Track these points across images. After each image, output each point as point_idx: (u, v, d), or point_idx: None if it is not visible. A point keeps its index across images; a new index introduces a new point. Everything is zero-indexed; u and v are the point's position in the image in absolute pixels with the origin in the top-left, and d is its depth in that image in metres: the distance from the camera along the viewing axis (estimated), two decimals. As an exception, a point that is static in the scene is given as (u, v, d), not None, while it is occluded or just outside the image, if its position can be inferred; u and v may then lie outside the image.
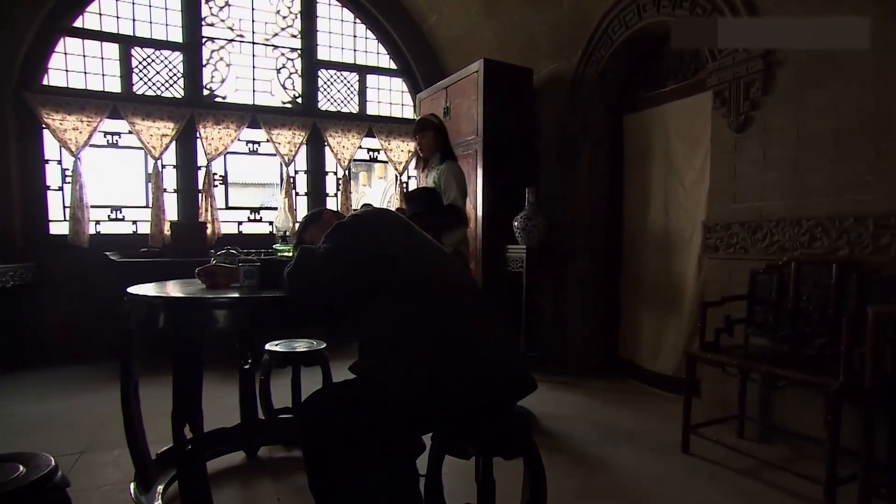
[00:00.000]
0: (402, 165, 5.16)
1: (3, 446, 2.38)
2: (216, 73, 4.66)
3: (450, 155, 3.12)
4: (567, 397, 3.32)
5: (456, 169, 3.05)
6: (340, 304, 1.45)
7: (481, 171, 3.78)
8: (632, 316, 3.73)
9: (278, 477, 2.26)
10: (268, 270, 1.60)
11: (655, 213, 3.50)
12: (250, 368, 2.46)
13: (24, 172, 4.16)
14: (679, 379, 3.18)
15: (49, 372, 3.84)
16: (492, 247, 3.79)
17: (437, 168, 3.06)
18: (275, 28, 4.85)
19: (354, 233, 1.44)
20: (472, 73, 3.85)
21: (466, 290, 1.54)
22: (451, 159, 3.08)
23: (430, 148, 3.08)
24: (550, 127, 3.98)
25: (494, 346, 1.48)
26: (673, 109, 3.35)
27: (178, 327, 1.48)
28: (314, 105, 4.98)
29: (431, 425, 1.49)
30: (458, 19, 4.77)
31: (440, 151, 3.09)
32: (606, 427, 2.82)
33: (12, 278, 3.64)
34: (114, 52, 4.36)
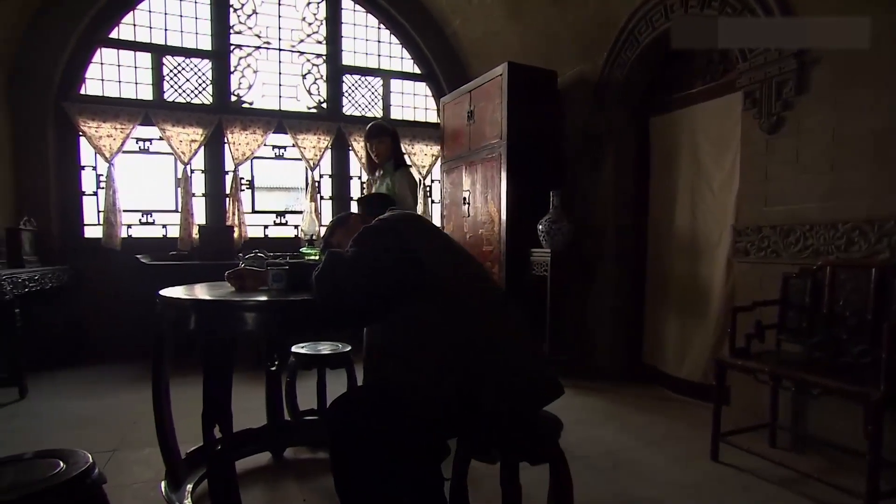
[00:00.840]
0: (426, 169, 5.18)
1: (43, 442, 2.48)
2: (244, 79, 4.76)
3: (402, 162, 3.22)
4: (592, 402, 3.28)
5: (409, 176, 3.15)
6: (368, 307, 1.46)
7: (505, 174, 3.77)
8: (657, 321, 3.66)
9: (304, 478, 2.28)
10: (296, 274, 1.62)
11: (682, 216, 3.44)
12: (276, 370, 2.49)
13: (62, 178, 4.31)
14: (706, 385, 3.12)
15: (84, 371, 3.96)
16: (516, 250, 3.78)
17: (389, 174, 3.11)
18: (301, 35, 4.92)
19: (382, 236, 1.45)
20: (496, 77, 3.84)
21: (493, 294, 1.54)
22: (403, 166, 3.17)
23: (386, 154, 3.12)
24: (575, 129, 3.95)
25: (521, 351, 1.47)
26: (701, 111, 3.29)
27: (209, 329, 1.50)
28: (339, 110, 5.04)
29: (457, 429, 1.48)
30: (482, 23, 4.77)
31: (393, 158, 3.14)
32: (633, 433, 2.78)
33: (50, 280, 3.76)
34: (146, 61, 4.49)
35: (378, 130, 3.13)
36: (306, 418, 2.69)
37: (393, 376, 1.44)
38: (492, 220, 3.96)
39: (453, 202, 4.56)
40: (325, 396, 2.70)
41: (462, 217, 4.36)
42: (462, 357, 1.37)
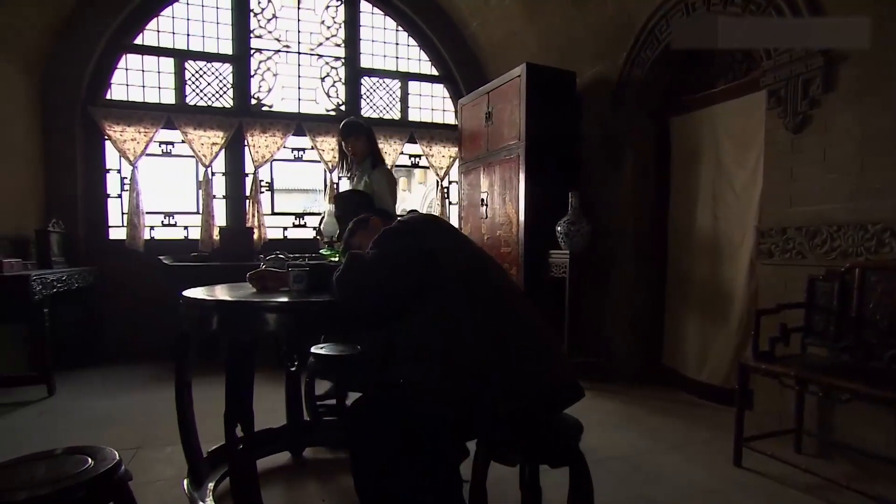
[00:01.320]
0: (443, 171, 5.19)
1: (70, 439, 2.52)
2: (263, 82, 4.82)
3: (380, 160, 3.17)
4: (609, 405, 3.24)
5: (389, 175, 3.12)
6: (388, 308, 1.46)
7: (523, 175, 3.75)
8: (677, 323, 3.61)
9: (323, 478, 2.30)
10: (316, 275, 1.63)
11: (703, 217, 3.39)
12: (296, 371, 2.51)
13: (88, 181, 4.41)
14: (727, 389, 3.07)
15: (108, 370, 4.04)
16: (534, 252, 3.76)
17: (367, 172, 3.08)
18: (319, 38, 4.97)
19: (402, 238, 1.46)
20: (514, 78, 3.83)
21: (513, 296, 1.53)
22: (381, 164, 3.13)
23: (363, 152, 3.09)
24: (594, 130, 3.92)
25: (542, 353, 1.47)
26: (723, 110, 3.24)
27: (231, 330, 1.52)
28: (357, 112, 5.06)
29: (476, 431, 1.48)
30: (500, 24, 4.76)
31: (370, 156, 3.10)
32: (653, 437, 2.74)
33: (76, 280, 3.85)
34: (169, 66, 4.57)
35: (353, 128, 3.09)
36: (326, 418, 2.70)
37: (412, 378, 1.44)
38: (510, 222, 3.95)
39: (471, 204, 4.56)
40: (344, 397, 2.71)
41: (480, 218, 4.35)
42: (481, 359, 1.37)
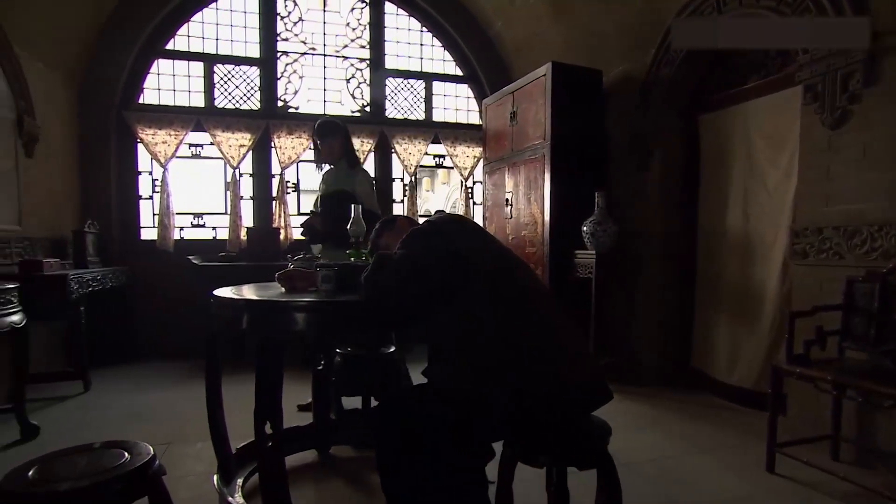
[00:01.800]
0: (467, 171, 5.18)
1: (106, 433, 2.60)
2: (290, 85, 4.88)
3: (356, 160, 3.13)
4: (636, 407, 3.20)
5: (370, 176, 3.12)
6: (417, 308, 1.47)
7: (549, 175, 3.72)
8: (706, 325, 3.54)
9: (349, 476, 2.32)
10: (345, 275, 1.64)
11: (734, 217, 3.32)
12: (323, 370, 2.54)
13: (121, 183, 4.53)
14: (759, 393, 3.00)
15: (139, 367, 4.14)
16: (559, 252, 3.73)
17: (344, 172, 3.02)
18: (345, 40, 5.02)
19: (430, 239, 1.46)
20: (539, 77, 3.80)
21: (541, 296, 1.52)
22: (359, 165, 3.11)
23: (338, 153, 3.03)
24: (621, 129, 3.87)
25: (570, 354, 1.45)
26: (755, 107, 3.16)
27: (261, 329, 1.54)
28: (382, 113, 5.10)
29: (504, 433, 1.47)
30: (525, 23, 4.74)
31: (346, 156, 3.05)
32: (680, 440, 2.69)
33: (110, 280, 3.95)
34: (199, 70, 4.67)
35: (330, 129, 3.03)
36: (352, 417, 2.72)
37: (439, 378, 1.44)
38: (535, 222, 3.92)
39: (495, 204, 4.54)
40: (370, 396, 2.73)
41: (504, 218, 4.33)
42: (508, 359, 1.36)
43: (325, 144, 3.00)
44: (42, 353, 3.44)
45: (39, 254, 3.60)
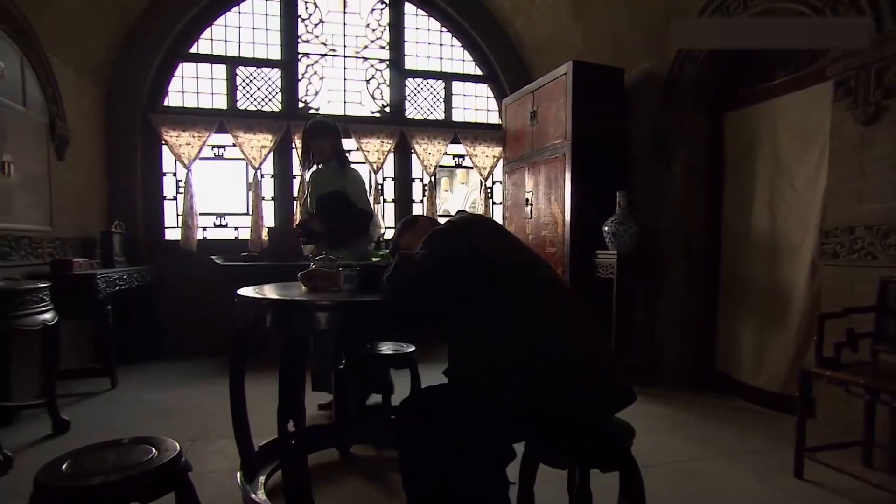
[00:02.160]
0: (487, 171, 5.17)
1: (132, 429, 2.66)
2: (311, 86, 4.93)
3: (347, 160, 3.05)
4: (658, 410, 3.15)
5: (360, 175, 3.05)
6: (438, 308, 1.46)
7: (569, 175, 3.69)
8: (731, 326, 3.47)
9: (370, 475, 2.33)
10: (367, 275, 1.65)
11: (760, 216, 3.25)
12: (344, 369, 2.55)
13: (146, 185, 4.63)
14: (786, 396, 2.94)
15: (163, 365, 4.22)
16: (580, 252, 3.69)
17: (336, 173, 2.96)
18: (365, 41, 5.05)
19: (452, 238, 1.46)
20: (560, 76, 3.78)
21: (565, 296, 1.51)
22: (349, 165, 3.04)
23: (330, 152, 2.95)
24: (643, 128, 3.82)
25: (593, 355, 1.44)
26: (783, 104, 3.09)
27: (285, 328, 1.55)
28: (402, 113, 5.12)
29: (526, 433, 1.47)
30: (545, 22, 4.71)
31: (337, 156, 2.98)
32: (703, 443, 2.64)
33: (135, 279, 4.04)
34: (222, 73, 4.74)
35: (323, 128, 2.95)
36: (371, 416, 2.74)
37: (461, 377, 1.44)
38: (555, 222, 3.89)
39: (515, 203, 4.52)
40: (390, 396, 2.75)
41: (524, 218, 4.31)
42: (532, 359, 1.35)
43: (317, 145, 2.94)
44: (71, 351, 3.53)
45: (69, 254, 3.70)
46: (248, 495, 1.87)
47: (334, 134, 2.96)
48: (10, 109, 3.16)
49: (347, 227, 2.91)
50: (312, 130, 2.94)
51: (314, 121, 3.02)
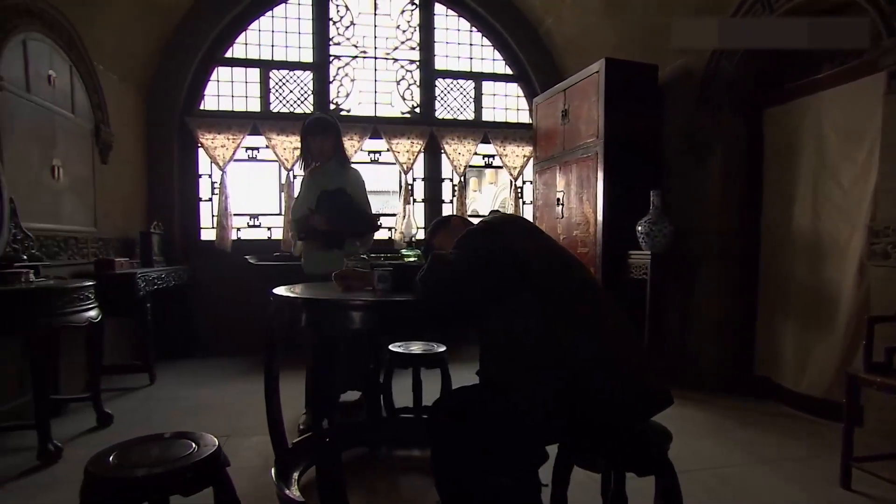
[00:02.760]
0: (517, 170, 5.14)
1: (171, 424, 2.73)
2: (342, 88, 4.99)
3: (347, 159, 2.98)
4: (696, 414, 3.07)
5: (361, 175, 2.96)
6: (472, 308, 1.46)
7: (602, 174, 3.64)
8: (771, 329, 3.36)
9: (401, 474, 2.34)
10: (400, 275, 1.66)
11: (803, 215, 3.13)
12: (375, 368, 2.57)
13: (183, 186, 4.76)
14: (830, 402, 2.83)
15: (198, 362, 4.33)
16: (612, 252, 3.63)
17: (337, 172, 2.87)
18: (395, 42, 5.08)
19: (486, 239, 1.45)
20: (592, 74, 3.72)
21: (599, 297, 1.48)
22: (349, 163, 2.98)
23: (330, 151, 2.86)
24: (678, 125, 3.73)
25: (628, 356, 1.41)
26: (829, 98, 2.97)
27: (320, 327, 1.57)
28: (431, 114, 5.13)
29: (560, 435, 1.45)
30: (576, 19, 4.65)
31: (337, 155, 2.89)
32: (741, 449, 2.56)
33: (172, 278, 4.15)
34: (255, 76, 4.84)
35: (324, 126, 2.84)
36: (402, 416, 2.75)
37: (496, 378, 1.43)
38: (587, 222, 3.84)
39: (546, 203, 4.48)
40: (420, 395, 2.75)
41: (555, 218, 4.27)
42: (566, 360, 1.34)
43: (317, 143, 2.83)
44: (112, 347, 3.65)
45: (111, 253, 3.83)
46: (283, 492, 1.90)
47: (335, 132, 2.88)
48: (61, 116, 3.30)
49: (355, 228, 2.84)
50: (314, 127, 2.84)
51: (315, 117, 2.93)
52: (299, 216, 2.85)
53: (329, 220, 2.76)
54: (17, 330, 2.37)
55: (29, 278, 2.45)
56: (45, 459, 2.35)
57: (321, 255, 2.81)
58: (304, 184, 2.95)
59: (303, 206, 2.86)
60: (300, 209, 2.88)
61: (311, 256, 2.90)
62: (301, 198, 2.92)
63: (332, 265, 2.63)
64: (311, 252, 2.89)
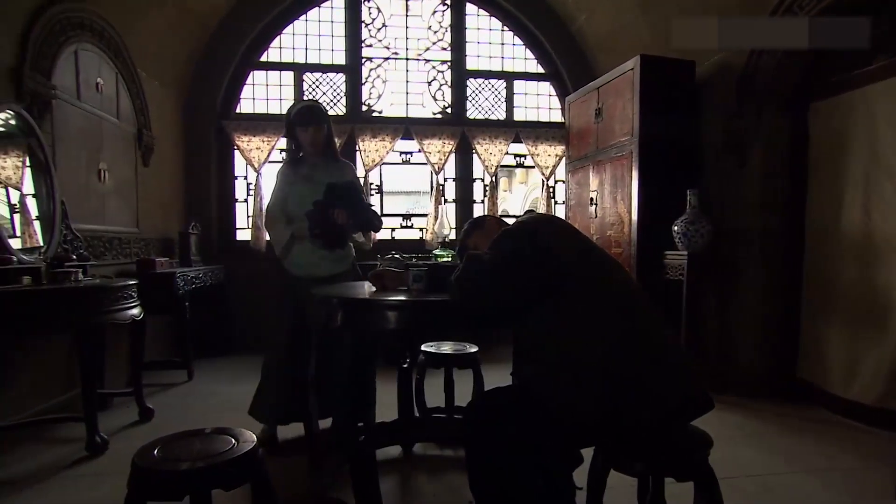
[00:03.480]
0: (549, 170, 5.08)
1: (209, 419, 2.80)
2: (374, 89, 5.03)
3: (337, 152, 2.73)
4: (735, 419, 2.98)
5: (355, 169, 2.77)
6: (508, 309, 1.45)
7: (636, 173, 3.57)
8: (817, 332, 3.23)
9: (433, 474, 2.34)
10: (435, 275, 1.66)
11: (852, 214, 3.00)
12: (408, 367, 2.57)
13: (220, 188, 4.88)
14: (883, 410, 2.71)
15: (233, 360, 4.42)
16: (647, 253, 3.56)
17: (334, 166, 2.63)
18: (426, 43, 5.09)
19: (522, 239, 1.43)
20: (626, 72, 3.66)
21: (638, 297, 1.45)
22: (339, 156, 2.73)
23: (323, 142, 2.61)
24: (716, 122, 3.63)
25: (670, 359, 1.38)
26: (882, 90, 2.81)
27: (356, 326, 1.59)
28: (463, 114, 5.13)
29: (598, 438, 1.43)
30: (610, 16, 4.58)
31: (331, 147, 2.66)
32: (784, 457, 2.47)
33: (210, 278, 4.26)
34: (289, 79, 4.93)
35: (320, 115, 2.58)
36: (434, 416, 2.75)
37: (533, 379, 1.42)
38: (621, 221, 3.77)
39: (579, 203, 4.42)
40: (452, 395, 2.75)
41: (589, 218, 4.21)
42: (605, 362, 1.31)
43: (310, 133, 2.54)
44: (151, 344, 3.77)
45: (152, 253, 3.96)
46: (317, 487, 1.93)
47: (327, 123, 2.62)
48: (107, 122, 3.45)
49: (373, 226, 2.70)
50: (309, 117, 2.55)
51: (308, 106, 2.61)
52: (302, 212, 2.52)
53: (353, 217, 2.51)
54: (69, 327, 2.48)
55: (78, 277, 2.55)
56: (93, 451, 2.44)
57: (321, 255, 2.54)
58: (290, 178, 2.63)
59: (292, 202, 2.57)
60: (289, 204, 2.58)
61: (306, 256, 2.55)
62: (293, 193, 2.58)
63: (335, 266, 2.57)
64: (306, 252, 2.55)
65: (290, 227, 2.57)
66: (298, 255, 2.57)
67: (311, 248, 2.54)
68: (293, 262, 2.58)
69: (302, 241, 2.54)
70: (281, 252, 2.59)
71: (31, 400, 2.72)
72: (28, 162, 2.73)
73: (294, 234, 2.55)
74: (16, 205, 2.67)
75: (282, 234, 2.58)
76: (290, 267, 2.60)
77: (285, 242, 2.56)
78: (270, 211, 2.66)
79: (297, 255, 2.57)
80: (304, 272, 2.56)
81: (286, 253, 2.58)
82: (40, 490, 2.13)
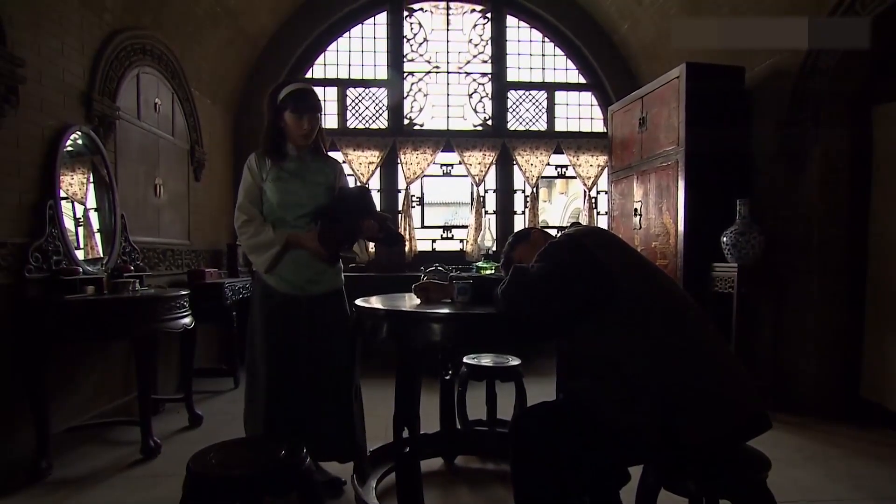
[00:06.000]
0: (591, 180, 5.02)
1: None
2: (415, 103, 5.11)
3: (326, 148, 2.31)
4: (794, 440, 2.83)
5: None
6: (555, 322, 1.43)
7: (682, 182, 3.48)
8: (882, 348, 3.05)
9: (475, 486, 2.32)
10: (480, 287, 1.66)
11: (920, 224, 2.84)
12: (450, 380, 2.57)
13: (267, 200, 5.02)
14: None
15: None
16: (694, 264, 3.45)
17: (317, 161, 2.22)
18: (467, 56, 5.15)
19: (569, 251, 1.42)
20: (671, 80, 3.58)
21: (692, 312, 1.41)
22: (326, 153, 2.32)
23: (313, 135, 2.18)
24: (768, 129, 3.50)
25: (724, 375, 1.33)
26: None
27: (402, 338, 1.60)
28: (504, 126, 5.14)
29: (649, 455, 1.39)
30: (654, 24, 4.51)
31: (318, 140, 2.24)
32: (853, 482, 2.32)
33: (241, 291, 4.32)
34: (333, 95, 5.06)
35: (319, 102, 2.20)
36: (476, 428, 2.73)
37: (583, 394, 1.39)
38: (667, 233, 3.68)
39: (622, 213, 4.34)
40: (495, 408, 2.73)
41: (633, 229, 4.12)
42: (658, 378, 1.28)
43: (304, 121, 2.10)
44: (203, 351, 3.90)
45: (202, 264, 4.11)
46: (361, 498, 1.94)
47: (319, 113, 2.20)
48: (163, 139, 3.63)
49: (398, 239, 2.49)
50: (306, 102, 2.12)
51: (304, 88, 2.18)
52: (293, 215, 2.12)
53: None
54: (127, 334, 2.60)
55: (135, 287, 2.67)
56: (147, 454, 2.54)
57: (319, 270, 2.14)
58: (274, 174, 2.16)
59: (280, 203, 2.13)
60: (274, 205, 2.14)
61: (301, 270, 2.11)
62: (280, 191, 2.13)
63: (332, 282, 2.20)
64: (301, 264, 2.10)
65: (280, 232, 2.09)
66: (289, 268, 2.09)
67: (309, 261, 2.10)
68: (282, 275, 2.10)
69: (297, 252, 2.09)
70: (264, 261, 2.08)
71: (93, 403, 2.85)
72: (91, 178, 2.90)
73: (288, 242, 2.07)
74: (80, 218, 2.83)
75: (265, 239, 2.08)
76: (274, 282, 2.11)
77: (274, 251, 2.06)
78: (246, 210, 2.16)
79: (287, 267, 2.09)
80: (293, 289, 2.10)
81: (274, 263, 2.08)
82: (101, 490, 2.23)
